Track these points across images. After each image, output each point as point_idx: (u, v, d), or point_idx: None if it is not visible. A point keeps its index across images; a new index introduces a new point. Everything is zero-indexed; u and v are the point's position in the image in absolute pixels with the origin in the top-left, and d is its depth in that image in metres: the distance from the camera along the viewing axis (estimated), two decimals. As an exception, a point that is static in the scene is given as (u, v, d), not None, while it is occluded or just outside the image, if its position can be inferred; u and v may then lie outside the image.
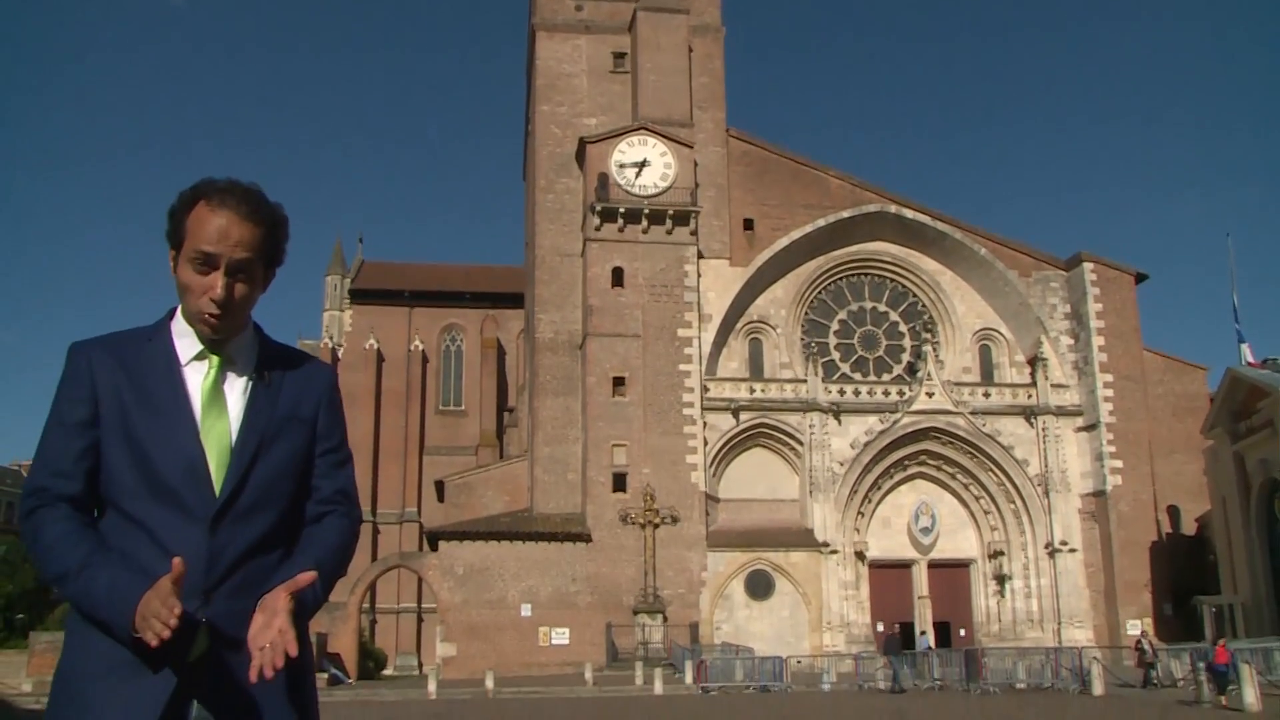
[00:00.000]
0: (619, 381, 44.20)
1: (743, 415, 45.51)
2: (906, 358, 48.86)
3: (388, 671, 52.08)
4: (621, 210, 45.18)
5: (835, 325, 49.13)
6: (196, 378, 2.35)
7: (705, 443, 44.47)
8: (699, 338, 45.17)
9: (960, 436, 46.18)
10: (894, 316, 49.63)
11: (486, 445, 64.33)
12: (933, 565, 46.64)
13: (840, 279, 49.49)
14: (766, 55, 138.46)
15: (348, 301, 68.89)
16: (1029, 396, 47.37)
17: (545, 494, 44.96)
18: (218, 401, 2.34)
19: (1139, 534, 45.48)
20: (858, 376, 48.17)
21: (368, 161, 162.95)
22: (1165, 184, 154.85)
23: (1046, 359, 47.75)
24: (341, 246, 72.65)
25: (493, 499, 47.12)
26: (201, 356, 2.36)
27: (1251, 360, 41.25)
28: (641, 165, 45.79)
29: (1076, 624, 44.59)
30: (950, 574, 46.93)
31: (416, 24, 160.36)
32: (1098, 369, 47.02)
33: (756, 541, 44.03)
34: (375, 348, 65.56)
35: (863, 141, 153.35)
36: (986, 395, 47.47)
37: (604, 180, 45.50)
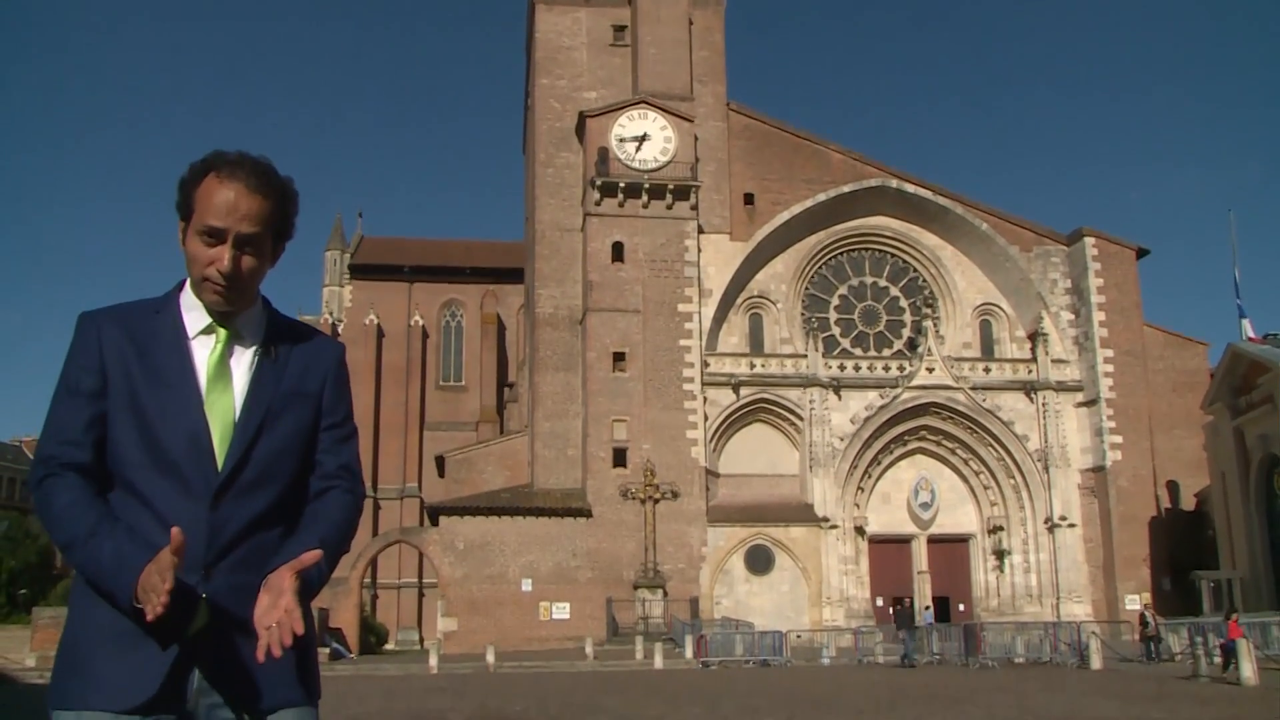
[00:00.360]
0: (619, 357, 44.15)
1: (743, 390, 45.50)
2: (907, 333, 48.79)
3: (389, 646, 52.33)
4: (621, 185, 45.00)
5: (836, 300, 49.04)
6: (203, 351, 2.34)
7: (705, 418, 44.48)
8: (699, 313, 45.09)
9: (960, 412, 46.19)
10: (894, 291, 49.52)
11: (487, 420, 64.40)
12: (932, 540, 46.76)
13: (841, 254, 49.35)
14: (767, 28, 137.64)
15: (348, 277, 68.78)
16: (1029, 372, 47.34)
17: (546, 469, 45.01)
18: (223, 375, 2.33)
19: (1138, 509, 45.57)
20: (858, 352, 48.12)
21: (367, 136, 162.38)
22: (1167, 159, 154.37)
23: (1047, 334, 47.68)
24: (341, 222, 72.55)
25: (493, 474, 47.20)
26: (209, 330, 2.35)
27: (1252, 335, 41.21)
28: (641, 139, 45.57)
29: (1075, 599, 44.74)
30: (949, 549, 47.05)
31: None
32: (1098, 344, 46.96)
33: (756, 516, 44.13)
34: (375, 323, 65.49)
35: (864, 116, 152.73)
36: (987, 370, 47.43)
37: (604, 154, 45.29)
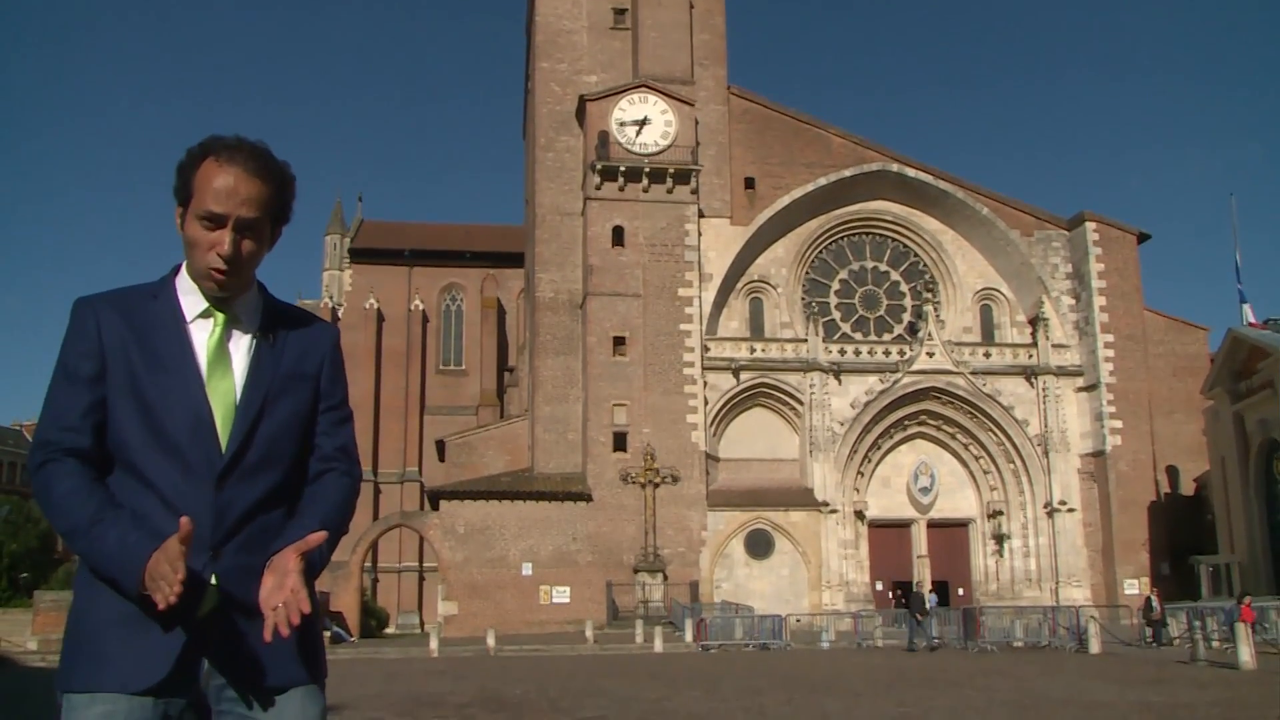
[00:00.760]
0: (619, 341, 44.15)
1: (743, 375, 45.50)
2: (907, 317, 48.76)
3: (389, 630, 52.50)
4: (622, 169, 44.90)
5: (836, 285, 49.00)
6: (202, 335, 2.35)
7: (705, 402, 44.51)
8: (699, 297, 45.06)
9: (960, 396, 46.21)
10: (895, 276, 49.47)
11: (487, 405, 64.43)
12: (932, 525, 46.84)
13: (841, 238, 49.28)
14: (768, 12, 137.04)
15: (347, 261, 68.70)
16: (1029, 356, 47.33)
17: (546, 453, 45.05)
18: (223, 359, 2.34)
19: (1137, 494, 45.64)
20: (858, 336, 48.11)
21: (367, 120, 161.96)
22: (1168, 143, 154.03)
23: (1047, 319, 47.65)
24: (341, 206, 72.43)
25: (493, 458, 47.25)
26: (207, 314, 2.36)
27: (1253, 321, 41.18)
28: (642, 123, 45.44)
29: (1074, 583, 44.85)
30: (949, 533, 47.14)
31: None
32: (1099, 329, 46.95)
33: (756, 501, 44.21)
34: (375, 307, 65.45)
35: (865, 99, 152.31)
36: (987, 355, 47.42)
37: (604, 138, 45.17)
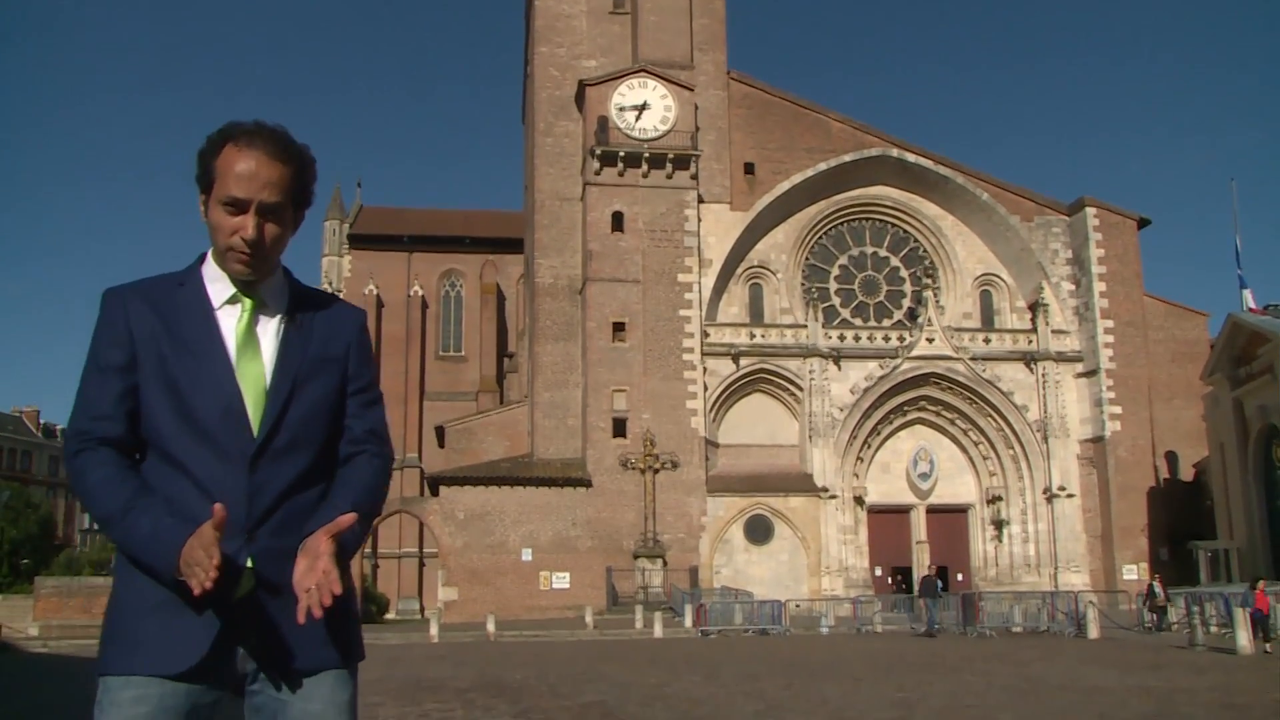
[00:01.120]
0: (619, 326, 44.12)
1: (743, 360, 45.49)
2: (907, 303, 48.73)
3: (390, 615, 52.61)
4: (621, 154, 44.80)
5: (836, 270, 48.94)
6: (230, 321, 2.36)
7: (705, 388, 44.51)
8: (699, 283, 45.01)
9: (960, 382, 46.21)
10: (895, 261, 49.42)
11: (487, 391, 64.40)
12: (931, 510, 46.91)
13: (841, 223, 49.20)
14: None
15: (346, 246, 68.53)
16: (1029, 342, 47.31)
17: (546, 439, 45.07)
18: (251, 344, 2.36)
19: (1137, 479, 45.69)
20: (858, 322, 48.09)
21: (366, 105, 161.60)
22: (1169, 128, 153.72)
23: (1047, 304, 47.62)
24: (340, 191, 72.15)
25: (493, 444, 47.27)
26: (234, 300, 2.38)
27: (1253, 306, 41.10)
28: (641, 108, 45.32)
29: (1073, 568, 44.94)
30: (948, 519, 47.20)
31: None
32: (1098, 315, 46.92)
33: (756, 486, 44.25)
34: (374, 293, 65.34)
35: (865, 84, 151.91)
36: (987, 341, 47.41)
37: (603, 123, 45.06)
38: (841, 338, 46.36)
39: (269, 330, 2.40)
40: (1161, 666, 16.98)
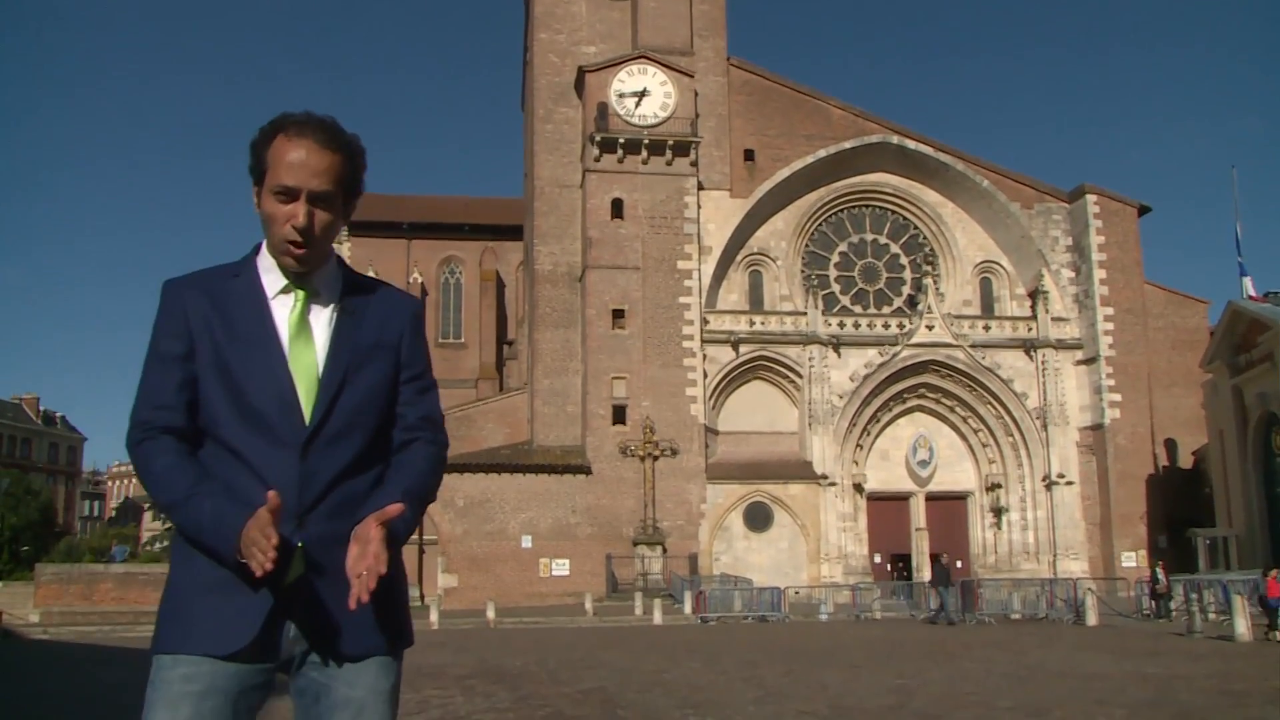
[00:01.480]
0: (619, 314, 44.10)
1: (742, 348, 45.50)
2: (907, 290, 48.71)
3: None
4: (621, 141, 44.71)
5: (836, 257, 48.90)
6: (283, 311, 2.41)
7: (705, 375, 44.52)
8: (699, 270, 44.97)
9: (960, 369, 46.22)
10: (895, 249, 49.37)
11: (486, 378, 64.36)
12: (930, 497, 46.98)
13: (841, 210, 49.14)
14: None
15: (346, 233, 68.36)
16: (1029, 329, 47.32)
17: (545, 426, 45.10)
18: (304, 332, 2.41)
19: (1136, 467, 45.75)
20: (858, 309, 48.07)
21: (365, 91, 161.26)
22: (1170, 115, 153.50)
23: (1047, 292, 47.61)
24: (339, 178, 72.03)
25: (493, 431, 47.28)
26: (287, 290, 2.42)
27: (1253, 294, 41.08)
28: (641, 95, 45.20)
29: (1072, 556, 45.03)
30: (947, 506, 47.28)
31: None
32: (1098, 302, 46.92)
33: (755, 474, 44.29)
34: (373, 280, 65.26)
35: (865, 71, 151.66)
36: (986, 328, 47.41)
37: (603, 110, 44.95)
38: (841, 325, 46.35)
39: (321, 319, 2.44)
40: (1160, 653, 17.03)
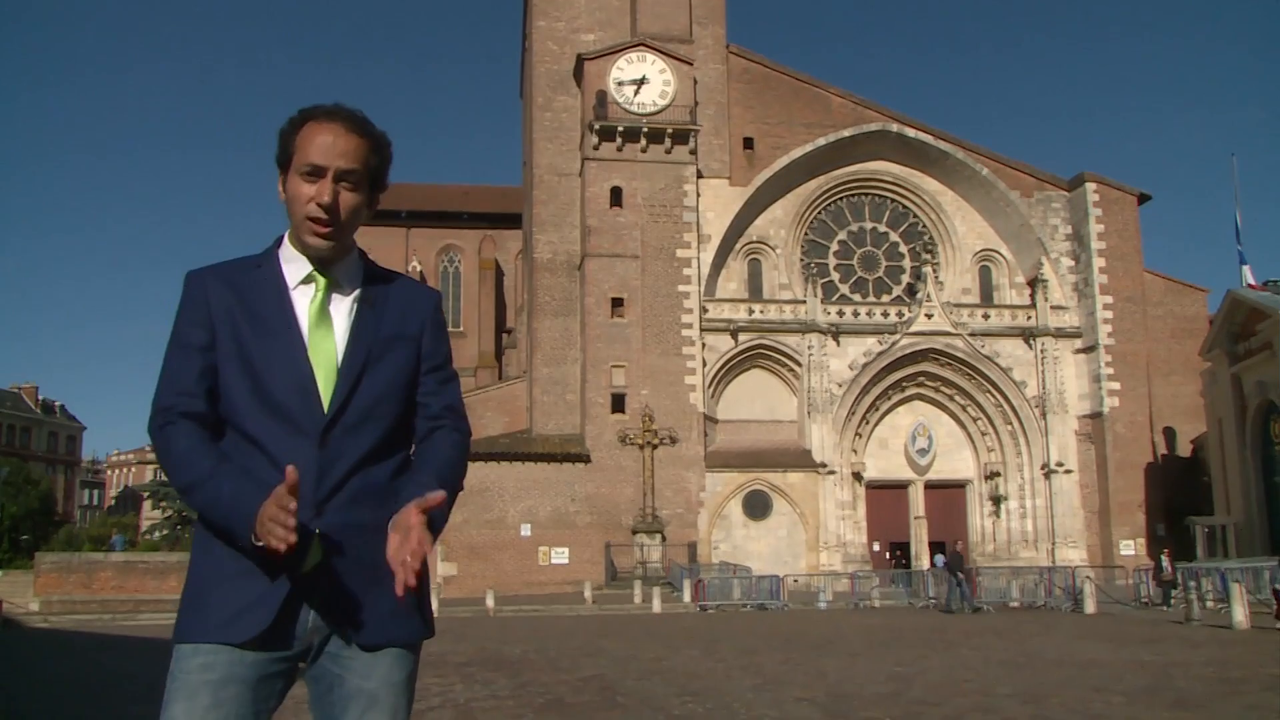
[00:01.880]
0: (618, 302, 44.07)
1: (741, 336, 45.48)
2: (906, 279, 48.69)
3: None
4: (620, 129, 44.61)
5: (835, 246, 48.85)
6: (304, 300, 2.43)
7: (704, 364, 44.52)
8: (698, 258, 44.92)
9: (959, 358, 46.23)
10: (894, 237, 49.33)
11: (485, 366, 64.37)
12: (929, 486, 47.04)
13: (840, 199, 49.09)
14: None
15: (344, 222, 68.34)
16: (1028, 318, 47.31)
17: (544, 415, 45.11)
18: (324, 321, 2.42)
19: (1134, 455, 45.79)
20: (857, 297, 48.05)
21: (363, 79, 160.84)
22: (1170, 103, 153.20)
23: (1046, 280, 47.59)
24: (337, 166, 71.92)
25: (492, 420, 47.28)
26: (309, 280, 2.44)
27: (1252, 282, 41.06)
28: (640, 83, 45.09)
29: (1070, 544, 45.11)
30: (946, 494, 47.34)
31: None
32: (1098, 290, 46.90)
33: (754, 462, 44.32)
34: (372, 269, 65.19)
35: (865, 59, 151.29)
36: (986, 317, 47.40)
37: (602, 98, 44.84)
38: (840, 313, 46.33)
39: (342, 308, 2.45)
40: (1157, 641, 17.07)
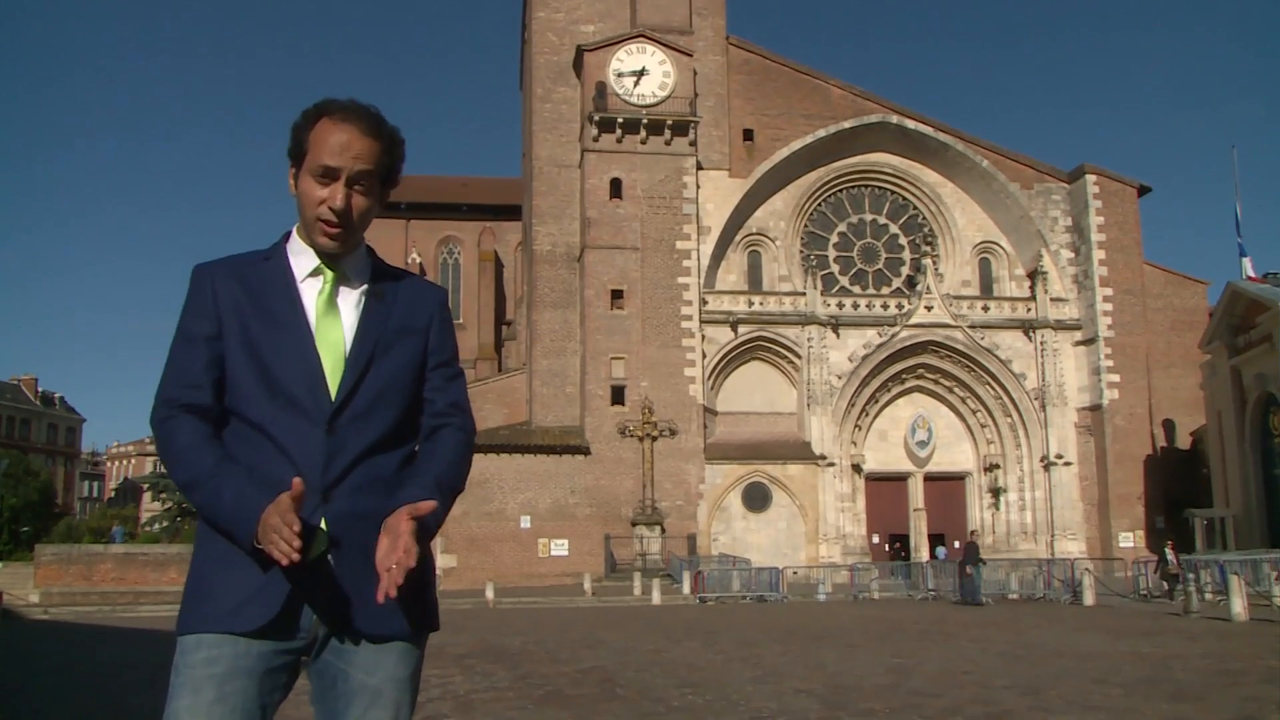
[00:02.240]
0: (617, 294, 44.05)
1: (741, 328, 45.48)
2: (906, 271, 48.67)
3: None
4: (620, 120, 44.54)
5: (835, 238, 48.82)
6: (311, 293, 2.45)
7: (703, 355, 44.52)
8: (698, 250, 44.89)
9: (958, 350, 46.22)
10: (894, 229, 49.30)
11: (485, 358, 64.36)
12: (929, 478, 47.06)
13: (840, 191, 49.04)
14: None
15: (344, 213, 68.24)
16: (1028, 310, 47.29)
17: (544, 407, 45.11)
18: (332, 313, 2.44)
19: (1134, 447, 45.82)
20: (857, 289, 48.04)
21: (362, 70, 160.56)
22: (1170, 96, 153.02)
23: (1046, 272, 47.56)
24: (336, 158, 71.77)
25: (491, 411, 47.29)
26: (317, 272, 2.46)
27: (1252, 274, 41.02)
28: (640, 74, 45.01)
29: (1070, 536, 45.15)
30: (946, 486, 47.37)
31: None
32: (1098, 283, 46.88)
33: (754, 454, 44.34)
34: (372, 260, 65.10)
35: (865, 51, 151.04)
36: (985, 309, 47.38)
37: (602, 89, 44.76)
38: (840, 305, 46.32)
39: (350, 301, 2.47)
40: (1156, 633, 17.09)
